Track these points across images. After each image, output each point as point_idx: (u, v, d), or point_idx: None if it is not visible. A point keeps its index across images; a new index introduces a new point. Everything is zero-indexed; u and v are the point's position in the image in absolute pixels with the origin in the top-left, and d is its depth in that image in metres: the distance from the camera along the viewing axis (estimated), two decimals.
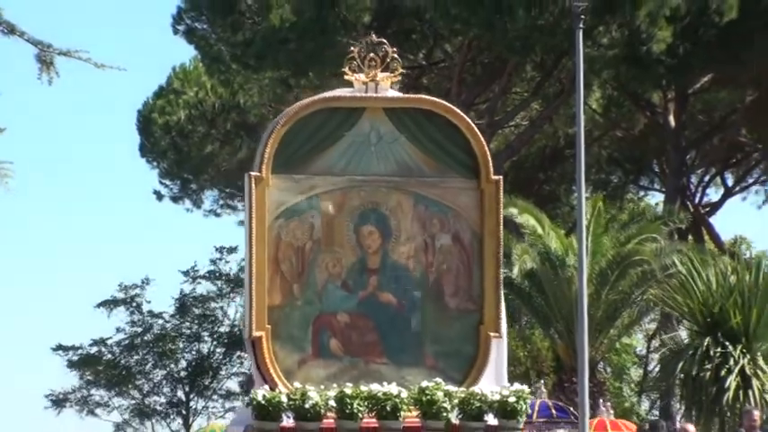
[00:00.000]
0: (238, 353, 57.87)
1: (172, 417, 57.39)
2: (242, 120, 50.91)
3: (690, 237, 45.48)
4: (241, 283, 57.91)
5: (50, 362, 56.84)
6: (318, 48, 43.26)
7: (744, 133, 48.57)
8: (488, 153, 13.07)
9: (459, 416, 12.49)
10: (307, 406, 12.26)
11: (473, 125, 13.16)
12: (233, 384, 57.77)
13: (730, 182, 52.53)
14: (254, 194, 12.73)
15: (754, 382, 26.41)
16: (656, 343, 49.38)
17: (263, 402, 12.31)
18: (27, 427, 58.76)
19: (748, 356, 26.43)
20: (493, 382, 12.90)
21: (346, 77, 13.08)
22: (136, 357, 56.87)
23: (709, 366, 27.15)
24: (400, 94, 13.11)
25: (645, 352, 57.07)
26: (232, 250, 56.67)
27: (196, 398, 57.60)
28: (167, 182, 54.57)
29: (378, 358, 12.85)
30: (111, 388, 56.52)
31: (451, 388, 12.52)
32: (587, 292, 28.10)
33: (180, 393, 57.31)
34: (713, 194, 51.37)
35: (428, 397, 12.39)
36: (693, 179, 50.39)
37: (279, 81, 46.10)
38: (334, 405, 12.33)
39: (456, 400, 12.48)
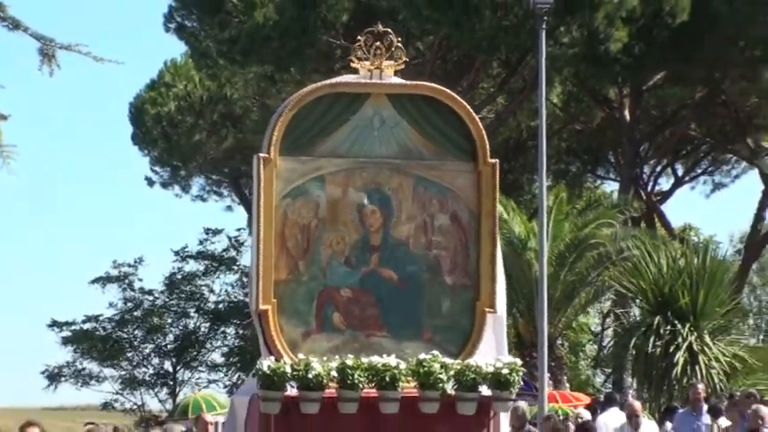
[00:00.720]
0: (222, 328, 57.93)
1: (159, 387, 57.33)
2: (228, 111, 51.10)
3: (642, 223, 45.61)
4: (225, 261, 58.39)
5: (47, 337, 56.62)
6: (300, 45, 43.82)
7: (693, 127, 48.89)
8: (485, 138, 12.79)
9: (455, 387, 12.18)
10: (310, 376, 11.96)
11: (472, 111, 12.88)
12: (217, 357, 57.80)
13: (680, 172, 52.75)
14: (262, 175, 12.40)
15: (701, 358, 26.48)
16: (610, 321, 49.37)
17: (268, 373, 11.97)
18: (25, 399, 58.30)
19: (695, 334, 26.53)
20: (494, 355, 12.61)
21: (352, 65, 12.94)
22: (126, 331, 56.84)
23: (659, 343, 27.22)
24: (403, 81, 12.86)
25: (600, 329, 57.18)
26: (218, 232, 56.79)
27: (182, 369, 57.75)
28: (158, 169, 54.82)
29: (378, 332, 12.55)
30: (103, 360, 56.42)
31: (448, 360, 12.22)
32: (547, 273, 27.93)
33: (167, 365, 57.55)
34: (664, 184, 51.70)
35: (425, 369, 12.10)
36: (646, 169, 50.61)
37: (263, 76, 46.43)
38: (336, 376, 12.03)
39: (452, 372, 12.17)
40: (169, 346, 56.89)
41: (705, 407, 22.67)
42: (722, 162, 53.34)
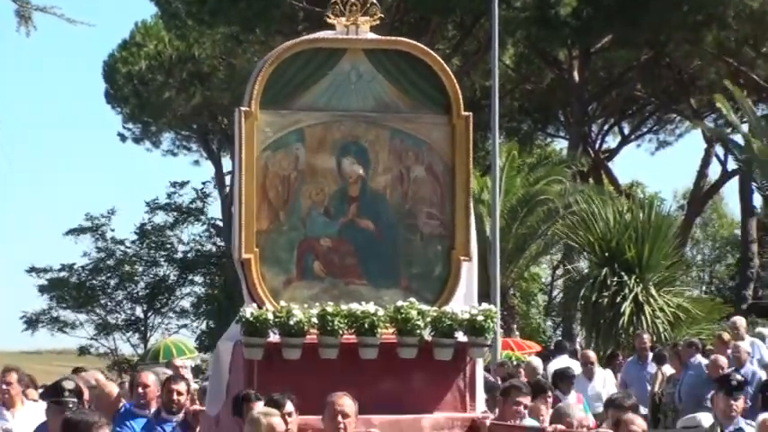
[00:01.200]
0: (191, 276, 57.87)
1: (131, 332, 57.43)
2: (196, 70, 51.10)
3: (590, 179, 45.63)
4: (193, 213, 58.21)
5: (24, 282, 56.67)
6: (265, 7, 44.30)
7: (639, 88, 48.96)
8: (459, 91, 12.47)
9: (432, 333, 11.93)
10: (291, 323, 11.69)
11: (445, 66, 12.62)
12: (186, 304, 57.88)
13: (627, 131, 52.95)
14: (243, 128, 12.07)
15: (646, 308, 26.50)
16: (559, 272, 49.38)
17: (251, 320, 11.73)
18: (3, 342, 58.23)
19: (641, 285, 26.54)
20: (462, 303, 12.32)
21: (329, 21, 12.47)
22: (100, 279, 56.86)
23: (606, 294, 27.24)
24: (378, 36, 12.54)
25: (550, 280, 57.19)
26: (184, 184, 56.79)
27: (153, 315, 57.99)
28: (130, 125, 55.02)
29: (357, 279, 12.29)
30: (78, 307, 56.42)
31: (424, 307, 11.95)
32: (499, 226, 27.75)
33: (138, 311, 57.84)
34: (611, 142, 51.93)
35: (403, 315, 11.84)
36: (594, 128, 50.70)
37: (229, 36, 46.45)
38: (317, 322, 11.77)
39: (429, 319, 11.90)
40: (140, 294, 57.15)
41: (650, 355, 22.70)
42: (666, 121, 53.44)
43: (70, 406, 11.40)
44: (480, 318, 11.99)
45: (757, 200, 46.96)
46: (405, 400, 11.90)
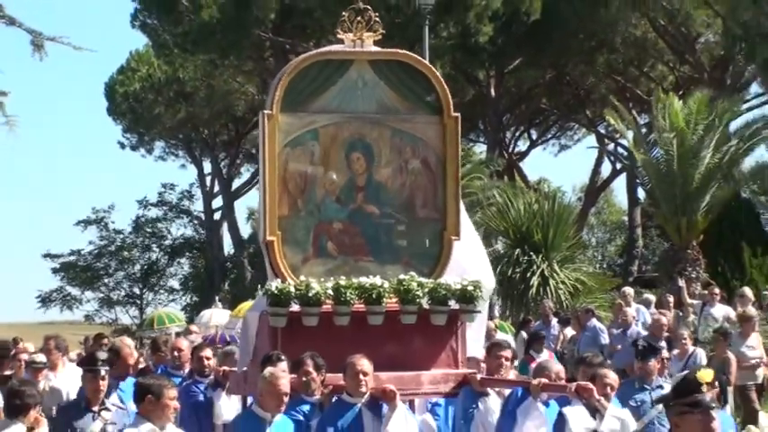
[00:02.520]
0: (178, 260, 57.79)
1: (130, 306, 57.56)
2: (181, 89, 51.15)
3: (505, 176, 45.27)
4: (180, 208, 58.15)
5: (40, 267, 56.63)
6: (238, 38, 43.73)
7: (544, 101, 48.87)
8: (449, 95, 12.08)
9: (429, 302, 11.48)
10: (310, 295, 11.23)
11: (437, 73, 12.24)
12: (174, 283, 58.16)
13: (534, 136, 52.89)
14: (266, 128, 11.60)
15: (551, 282, 26.37)
16: None
17: (276, 292, 11.25)
18: (20, 315, 57.62)
19: (546, 263, 26.40)
20: (457, 275, 11.85)
21: (339, 36, 12.09)
22: (103, 262, 57.05)
23: (518, 270, 27.08)
24: (380, 49, 12.14)
25: None
26: (174, 186, 57.26)
27: (147, 292, 57.96)
28: (127, 135, 54.93)
29: (364, 257, 11.83)
30: (85, 285, 56.53)
31: (423, 280, 11.51)
32: None
33: (135, 289, 57.78)
34: (522, 146, 51.72)
35: (404, 287, 11.40)
36: (508, 134, 50.60)
37: (208, 61, 47.05)
38: (331, 294, 11.30)
39: (426, 289, 11.46)
40: (137, 274, 57.47)
41: (554, 319, 22.74)
42: (567, 129, 53.55)
43: (102, 373, 11.03)
44: (470, 288, 11.58)
45: (641, 192, 46.93)
46: (406, 359, 11.48)
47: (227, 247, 55.33)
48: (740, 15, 36.18)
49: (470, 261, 12.27)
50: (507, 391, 11.22)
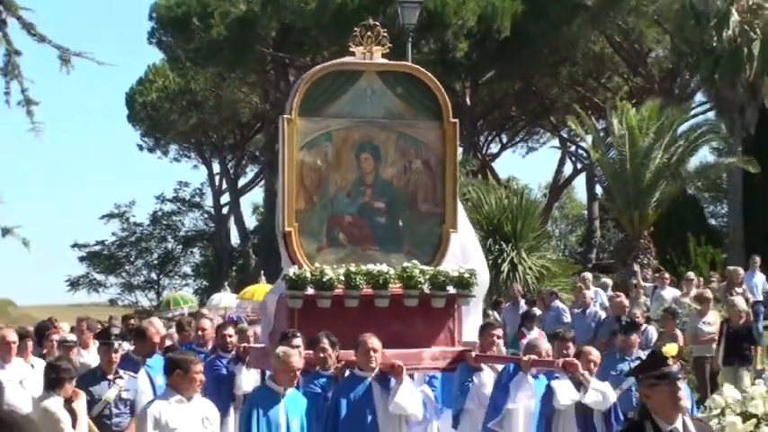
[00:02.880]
0: (190, 249, 57.58)
1: (148, 290, 57.29)
2: (193, 99, 50.86)
3: (479, 175, 45.03)
4: (192, 203, 57.91)
5: (68, 255, 56.44)
6: (242, 53, 43.30)
7: (513, 109, 48.63)
8: (449, 103, 11.94)
9: (429, 287, 11.33)
10: (324, 280, 11.11)
11: (438, 83, 12.01)
12: (187, 269, 58.06)
13: (505, 140, 52.59)
14: (285, 131, 11.42)
15: (519, 268, 26.18)
16: None
17: (293, 278, 11.13)
18: (51, 298, 57.39)
19: (515, 251, 26.12)
20: (454, 264, 11.70)
21: (351, 49, 11.85)
22: (125, 251, 56.85)
23: (490, 257, 26.83)
24: (388, 61, 11.93)
25: None
26: (187, 184, 57.17)
27: (163, 278, 57.60)
28: (146, 139, 54.33)
29: (371, 246, 11.66)
30: (108, 272, 56.32)
31: (424, 267, 11.37)
32: None
33: (153, 275, 57.52)
34: (494, 148, 51.29)
35: (408, 273, 11.26)
36: (482, 138, 50.19)
37: (216, 74, 46.52)
38: (343, 279, 11.20)
39: (427, 276, 11.32)
40: (154, 262, 57.15)
41: (522, 301, 22.67)
42: (533, 133, 53.40)
43: (115, 346, 11.03)
44: (466, 275, 11.50)
45: (598, 189, 46.87)
46: (409, 337, 11.33)
47: (234, 237, 55.10)
48: (686, 34, 36.08)
49: (468, 253, 12.16)
50: (500, 367, 11.09)
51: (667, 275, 24.25)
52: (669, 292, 22.33)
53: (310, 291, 11.15)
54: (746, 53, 32.43)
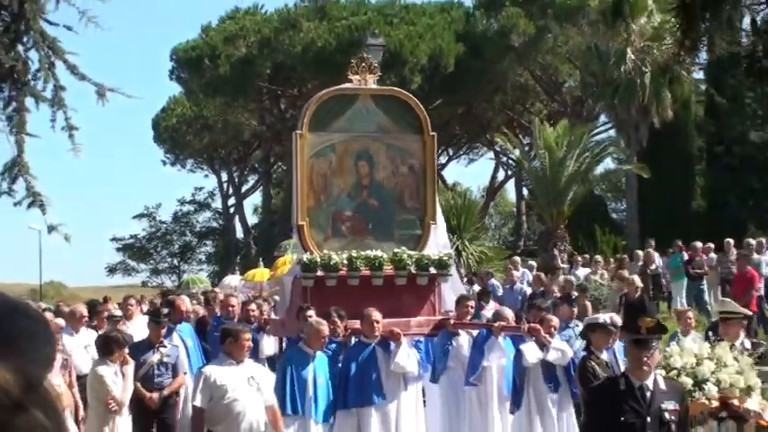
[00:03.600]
0: (204, 241, 57.09)
1: (171, 274, 56.73)
2: (205, 123, 50.29)
3: None
4: (205, 205, 57.41)
5: (107, 247, 55.85)
6: (243, 87, 42.64)
7: (457, 129, 48.39)
8: (428, 121, 11.52)
9: (415, 268, 10.99)
10: (331, 263, 10.74)
11: (420, 105, 11.61)
12: (202, 257, 57.77)
13: (451, 153, 52.32)
14: (298, 144, 10.99)
15: (463, 254, 25.73)
16: None
17: (306, 262, 10.77)
18: (93, 281, 56.89)
19: (460, 240, 25.77)
20: (435, 249, 11.31)
21: (349, 77, 11.37)
22: (153, 244, 56.39)
23: None
24: (379, 87, 11.71)
25: None
26: (201, 189, 56.98)
27: (183, 264, 57.18)
28: (168, 155, 53.69)
29: (368, 237, 11.25)
30: (139, 260, 55.85)
31: (411, 252, 11.01)
32: None
33: (175, 262, 56.98)
34: (443, 159, 51.13)
35: (398, 258, 10.90)
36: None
37: (224, 103, 45.58)
38: (346, 263, 10.80)
39: (413, 259, 10.97)
40: (176, 252, 56.79)
41: (465, 279, 22.22)
42: (473, 148, 53.00)
43: (162, 323, 10.62)
44: (444, 258, 11.24)
45: (525, 191, 46.86)
46: (399, 309, 10.86)
47: (239, 232, 54.60)
48: (591, 69, 36.11)
49: (441, 240, 11.79)
50: (475, 332, 10.70)
51: (579, 258, 23.88)
52: (581, 272, 21.89)
53: (320, 272, 10.77)
54: (639, 83, 32.38)
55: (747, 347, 7.92)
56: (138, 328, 13.65)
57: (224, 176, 55.16)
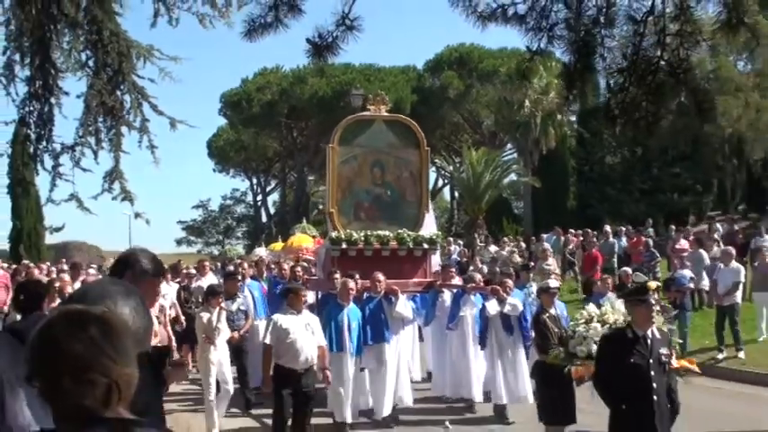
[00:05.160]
0: (241, 224, 55.55)
1: (218, 245, 55.03)
2: (242, 145, 48.70)
3: None
4: (241, 200, 55.68)
5: (174, 228, 53.76)
6: (268, 121, 42.29)
7: None
8: (424, 139, 10.57)
9: (413, 244, 10.08)
10: (352, 239, 9.82)
11: (418, 128, 10.66)
12: (239, 234, 56.11)
13: None
14: (330, 154, 10.13)
15: None
16: None
17: (335, 238, 9.84)
18: (166, 250, 55.20)
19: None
20: (426, 230, 10.42)
21: (368, 106, 10.40)
22: (205, 226, 54.66)
23: None
24: (389, 114, 10.68)
25: None
26: (237, 189, 55.61)
27: (225, 239, 55.40)
28: (217, 165, 52.44)
29: (380, 222, 10.30)
30: (196, 235, 54.24)
31: (410, 233, 10.11)
32: None
33: (220, 237, 55.73)
34: None
35: (400, 236, 10.01)
36: None
37: (254, 132, 44.15)
38: (363, 239, 9.87)
39: (411, 238, 10.07)
40: (221, 231, 55.08)
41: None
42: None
43: (238, 279, 9.75)
44: (434, 237, 10.32)
45: (456, 194, 45.98)
46: (400, 273, 9.92)
47: (264, 219, 53.10)
48: (502, 113, 35.50)
49: (430, 224, 10.84)
50: (454, 290, 9.82)
51: (492, 240, 23.35)
52: (492, 248, 21.22)
53: (344, 246, 9.85)
54: (533, 123, 31.94)
55: (658, 309, 7.13)
56: (208, 282, 12.62)
57: (254, 181, 53.72)
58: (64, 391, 1.51)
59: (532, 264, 15.22)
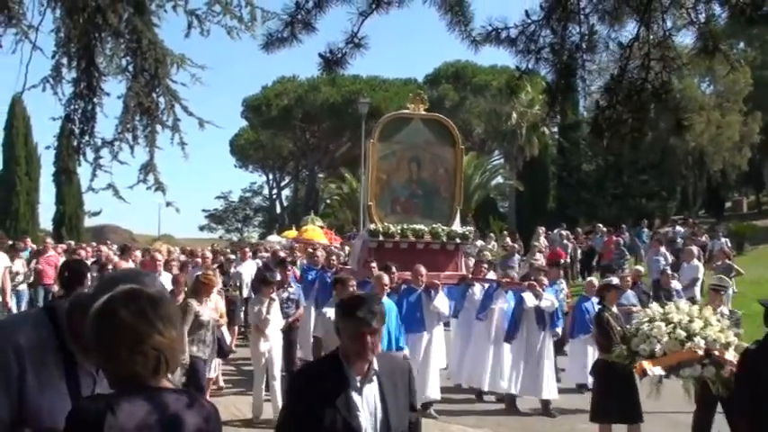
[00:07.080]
0: (258, 214, 54.26)
1: (236, 232, 53.58)
2: (260, 144, 47.25)
3: None
4: (258, 193, 54.27)
5: (199, 215, 52.08)
6: (285, 124, 41.16)
7: None
8: (459, 138, 9.52)
9: (446, 238, 9.00)
10: (389, 232, 8.76)
11: (454, 126, 9.56)
12: (256, 222, 54.82)
13: None
14: (370, 150, 9.04)
15: None
16: None
17: (372, 230, 8.77)
18: (189, 234, 53.81)
19: None
20: (458, 225, 9.33)
21: (408, 105, 9.28)
22: (226, 214, 53.24)
23: None
24: (427, 113, 9.58)
25: None
26: (255, 183, 54.16)
27: (244, 227, 54.11)
28: (238, 162, 50.77)
29: (416, 215, 9.22)
30: (218, 223, 52.81)
31: (443, 227, 9.03)
32: None
33: (239, 225, 54.11)
34: None
35: (434, 230, 8.95)
36: None
37: (272, 133, 43.07)
38: (399, 232, 8.81)
39: (445, 232, 9.00)
40: (240, 219, 53.68)
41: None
42: None
43: (288, 267, 8.76)
44: (467, 233, 9.23)
45: None
46: (433, 266, 8.76)
47: (278, 210, 51.81)
48: (491, 123, 34.47)
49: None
50: (486, 285, 8.71)
51: (480, 235, 22.12)
52: (479, 243, 20.13)
53: (381, 238, 8.73)
54: (519, 133, 30.95)
55: (726, 314, 6.05)
56: (247, 267, 11.45)
57: (270, 176, 52.23)
58: (121, 360, 1.60)
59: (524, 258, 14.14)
